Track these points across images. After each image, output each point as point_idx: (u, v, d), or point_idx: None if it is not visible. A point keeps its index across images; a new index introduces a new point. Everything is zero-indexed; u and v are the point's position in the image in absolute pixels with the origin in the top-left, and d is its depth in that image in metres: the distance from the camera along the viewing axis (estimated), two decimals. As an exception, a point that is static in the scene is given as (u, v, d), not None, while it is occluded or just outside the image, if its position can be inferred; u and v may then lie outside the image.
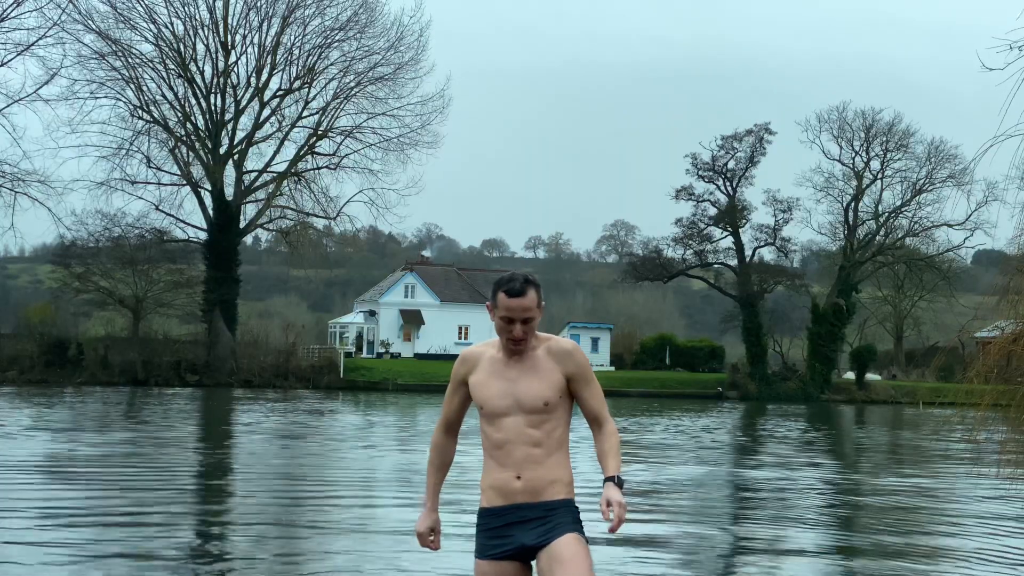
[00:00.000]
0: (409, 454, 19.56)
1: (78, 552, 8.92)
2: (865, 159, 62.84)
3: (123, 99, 54.24)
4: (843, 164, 63.19)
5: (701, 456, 21.03)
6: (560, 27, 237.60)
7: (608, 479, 4.07)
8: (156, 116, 54.87)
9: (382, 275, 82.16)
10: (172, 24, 54.84)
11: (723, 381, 61.16)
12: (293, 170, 57.31)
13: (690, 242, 62.08)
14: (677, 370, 65.62)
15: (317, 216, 58.61)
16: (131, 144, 54.17)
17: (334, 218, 59.06)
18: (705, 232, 62.28)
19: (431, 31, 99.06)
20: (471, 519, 4.57)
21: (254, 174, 57.40)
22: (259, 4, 55.92)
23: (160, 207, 55.86)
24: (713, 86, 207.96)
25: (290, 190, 57.69)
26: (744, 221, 61.82)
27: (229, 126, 56.57)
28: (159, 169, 55.29)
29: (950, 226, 61.83)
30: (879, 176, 62.93)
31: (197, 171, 55.84)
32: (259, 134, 57.31)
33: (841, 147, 62.98)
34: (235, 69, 56.39)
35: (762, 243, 62.26)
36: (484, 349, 4.31)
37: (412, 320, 70.95)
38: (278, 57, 56.53)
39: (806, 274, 66.47)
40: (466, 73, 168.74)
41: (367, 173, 57.75)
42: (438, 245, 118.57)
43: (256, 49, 56.33)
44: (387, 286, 73.12)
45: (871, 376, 64.66)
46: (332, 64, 57.23)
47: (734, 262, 62.50)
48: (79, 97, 52.40)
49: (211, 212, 55.56)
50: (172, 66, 55.15)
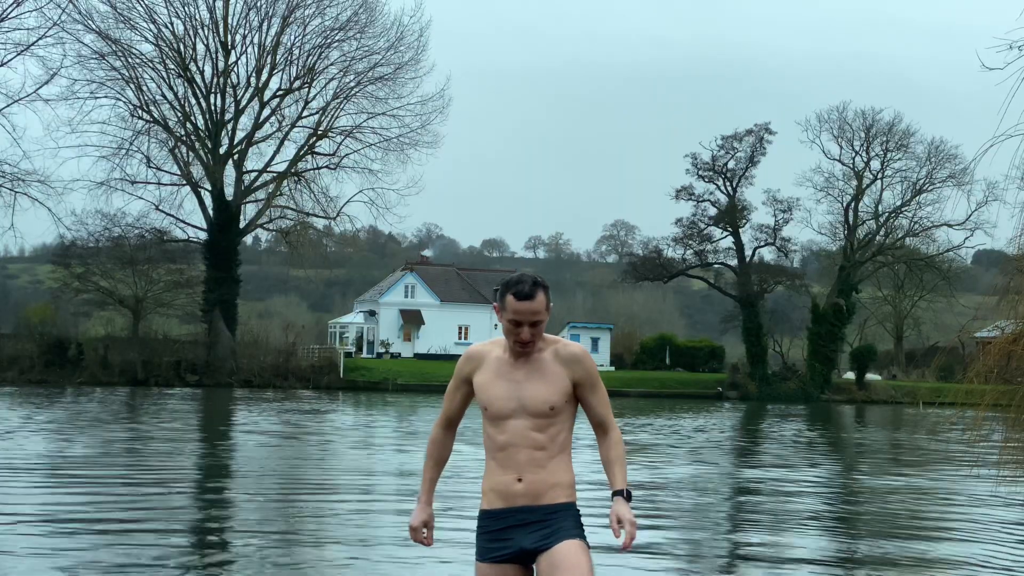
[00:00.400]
0: (409, 455, 19.54)
1: (71, 557, 8.89)
2: (865, 159, 62.84)
3: (123, 99, 54.32)
4: (843, 164, 63.23)
5: (699, 457, 21.01)
6: (560, 27, 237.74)
7: (616, 493, 4.04)
8: (156, 116, 54.88)
9: (382, 275, 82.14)
10: (172, 24, 54.92)
11: (723, 381, 61.14)
12: (293, 170, 57.30)
13: (690, 242, 62.07)
14: (677, 370, 65.60)
15: (317, 216, 58.67)
16: (131, 144, 54.25)
17: (334, 218, 59.11)
18: (705, 232, 62.28)
19: (431, 31, 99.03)
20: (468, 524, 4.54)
21: (254, 174, 57.40)
22: (259, 4, 55.95)
23: (160, 207, 55.95)
24: (713, 86, 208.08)
25: (290, 190, 57.73)
26: (744, 221, 61.82)
27: (229, 126, 56.58)
28: (159, 169, 55.38)
29: (950, 226, 61.85)
30: (879, 176, 62.92)
31: (197, 171, 55.86)
32: (259, 134, 57.34)
33: (841, 147, 63.02)
34: (235, 69, 56.44)
35: (762, 243, 62.30)
36: (490, 348, 4.27)
37: (412, 320, 70.93)
38: (278, 57, 56.56)
39: (806, 274, 66.43)
40: (466, 73, 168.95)
41: (367, 173, 57.83)
42: (439, 244, 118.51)
43: (256, 49, 56.40)
44: (387, 286, 73.09)
45: (871, 376, 64.63)
46: (332, 64, 57.29)
47: (734, 262, 62.49)
48: (79, 97, 52.49)
49: (211, 212, 55.54)
50: (172, 66, 55.15)
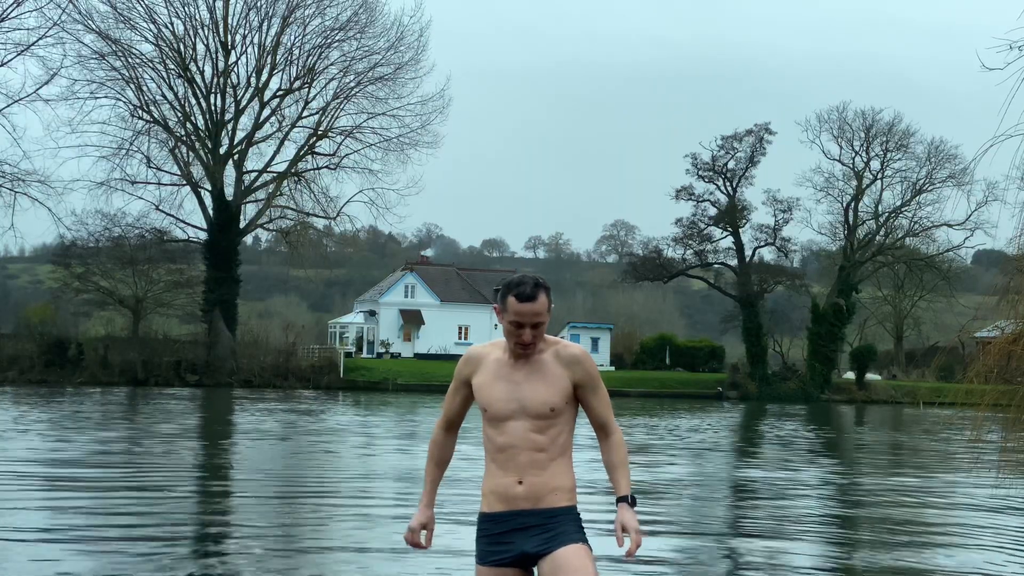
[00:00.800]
0: (409, 456, 19.55)
1: (69, 556, 8.90)
2: (865, 159, 62.86)
3: (123, 99, 54.29)
4: (843, 164, 63.24)
5: (698, 457, 21.00)
6: (560, 27, 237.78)
7: (621, 499, 4.01)
8: (156, 116, 54.86)
9: (382, 275, 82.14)
10: (172, 24, 54.89)
11: (723, 381, 61.13)
12: (293, 170, 57.29)
13: (690, 242, 62.07)
14: (677, 370, 65.59)
15: (317, 216, 58.65)
16: (131, 144, 54.21)
17: (334, 218, 59.09)
18: (705, 232, 62.28)
19: (431, 31, 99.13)
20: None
21: (254, 174, 57.39)
22: (259, 4, 55.93)
23: (160, 207, 55.92)
24: (713, 86, 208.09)
25: (290, 190, 57.72)
26: (744, 221, 61.82)
27: (229, 126, 56.57)
28: (159, 169, 55.34)
29: (950, 226, 61.86)
30: (879, 176, 62.92)
31: (197, 171, 55.83)
32: (259, 134, 57.32)
33: (841, 147, 63.03)
34: (235, 69, 56.42)
35: (762, 243, 62.30)
36: (489, 350, 4.24)
37: (412, 320, 70.93)
38: (278, 57, 56.54)
39: (806, 274, 66.43)
40: (466, 73, 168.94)
41: (367, 173, 57.80)
42: (439, 244, 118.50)
43: (256, 49, 56.38)
44: (387, 286, 73.10)
45: (871, 376, 64.62)
46: (332, 64, 57.26)
47: (734, 262, 62.49)
48: (79, 97, 52.45)
49: (211, 212, 55.53)
50: (172, 66, 55.14)
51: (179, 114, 55.59)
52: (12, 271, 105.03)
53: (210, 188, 55.52)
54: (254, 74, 56.56)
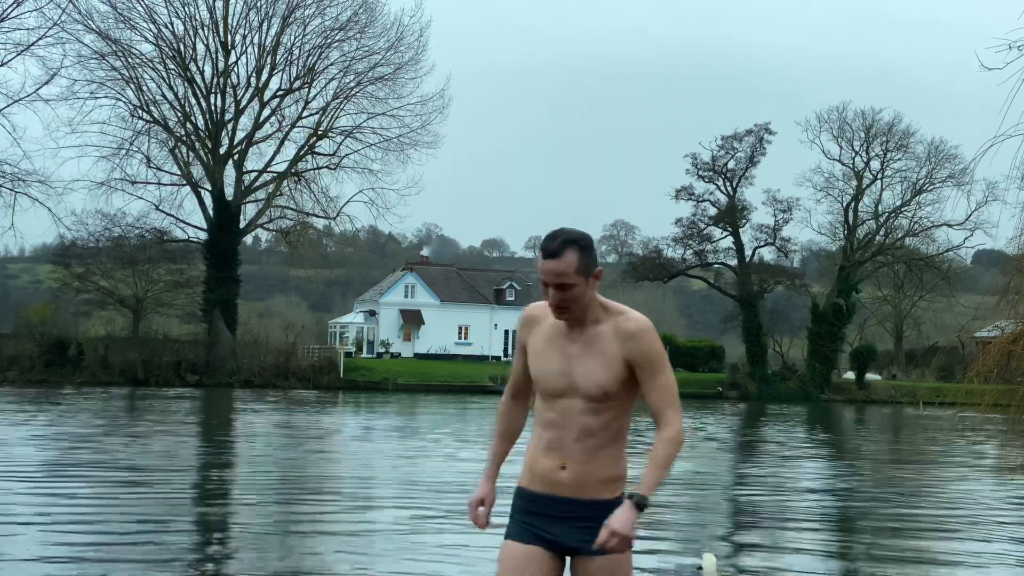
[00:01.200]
0: (409, 457, 19.55)
1: (73, 558, 8.90)
2: (865, 159, 62.87)
3: (123, 99, 54.22)
4: (843, 164, 63.24)
5: (697, 457, 21.00)
6: (560, 27, 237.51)
7: (628, 496, 3.58)
8: (156, 116, 54.81)
9: (382, 275, 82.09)
10: (172, 24, 54.81)
11: (723, 381, 61.14)
12: (293, 170, 57.26)
13: (690, 242, 62.06)
14: (677, 370, 65.47)
15: (317, 216, 58.61)
16: (131, 144, 54.13)
17: (334, 218, 59.06)
18: (705, 232, 62.28)
19: (431, 31, 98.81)
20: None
21: (254, 174, 57.36)
22: (259, 4, 55.89)
23: (160, 207, 55.81)
24: (713, 86, 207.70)
25: (290, 190, 57.67)
26: (744, 221, 61.81)
27: (229, 126, 56.52)
28: (159, 169, 55.26)
29: (950, 226, 61.87)
30: (879, 176, 62.94)
31: (197, 171, 55.78)
32: (259, 134, 57.27)
33: (841, 147, 63.03)
34: (235, 69, 56.36)
35: (762, 243, 62.29)
36: (550, 311, 3.74)
37: (412, 320, 70.93)
38: (278, 57, 56.49)
39: (806, 274, 66.41)
40: (466, 73, 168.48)
41: (367, 173, 57.73)
42: (439, 242, 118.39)
43: (256, 49, 56.33)
44: (387, 286, 73.09)
45: (871, 376, 64.62)
46: (332, 64, 57.18)
47: (734, 262, 62.49)
48: (79, 97, 52.36)
49: (211, 212, 55.49)
50: (172, 66, 55.10)
51: (179, 114, 55.58)
52: (12, 271, 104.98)
53: (210, 188, 55.49)
54: (254, 74, 56.56)
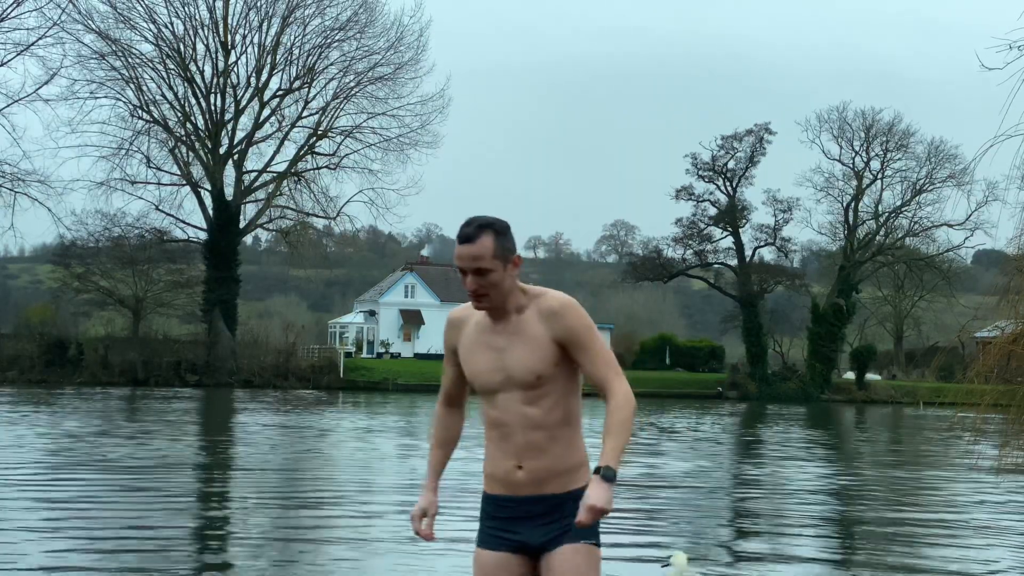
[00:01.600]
0: (410, 457, 19.54)
1: (69, 566, 8.89)
2: (865, 159, 62.88)
3: (123, 99, 54.29)
4: (843, 164, 63.25)
5: (697, 457, 20.99)
6: (560, 27, 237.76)
7: (595, 471, 3.44)
8: (156, 116, 54.86)
9: (382, 275, 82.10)
10: (172, 24, 54.88)
11: (723, 381, 61.14)
12: (293, 170, 57.28)
13: (690, 242, 62.06)
14: (677, 370, 65.57)
15: (317, 216, 58.66)
16: (131, 144, 54.21)
17: (334, 218, 59.09)
18: (705, 232, 62.27)
19: (431, 31, 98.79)
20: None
21: (254, 174, 57.38)
22: (259, 4, 55.92)
23: (160, 207, 55.90)
24: (713, 86, 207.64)
25: (290, 190, 57.71)
26: (744, 221, 61.81)
27: (229, 126, 56.56)
28: (159, 169, 55.34)
29: (950, 226, 61.86)
30: (879, 176, 62.95)
31: (197, 171, 55.83)
32: (259, 134, 57.32)
33: (841, 147, 63.04)
34: (235, 69, 56.41)
35: (762, 243, 62.29)
36: (472, 312, 3.67)
37: (412, 320, 70.92)
38: (278, 57, 56.53)
39: (806, 274, 66.40)
40: (466, 73, 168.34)
41: (367, 173, 57.79)
42: (439, 242, 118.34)
43: (256, 49, 56.37)
44: (387, 286, 73.10)
45: (871, 376, 64.60)
46: (332, 64, 57.24)
47: (734, 262, 62.48)
48: (79, 97, 52.46)
49: (211, 212, 55.51)
50: (172, 66, 55.13)
51: (179, 114, 55.61)
52: (12, 271, 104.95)
53: (210, 188, 55.51)
54: (254, 74, 56.59)
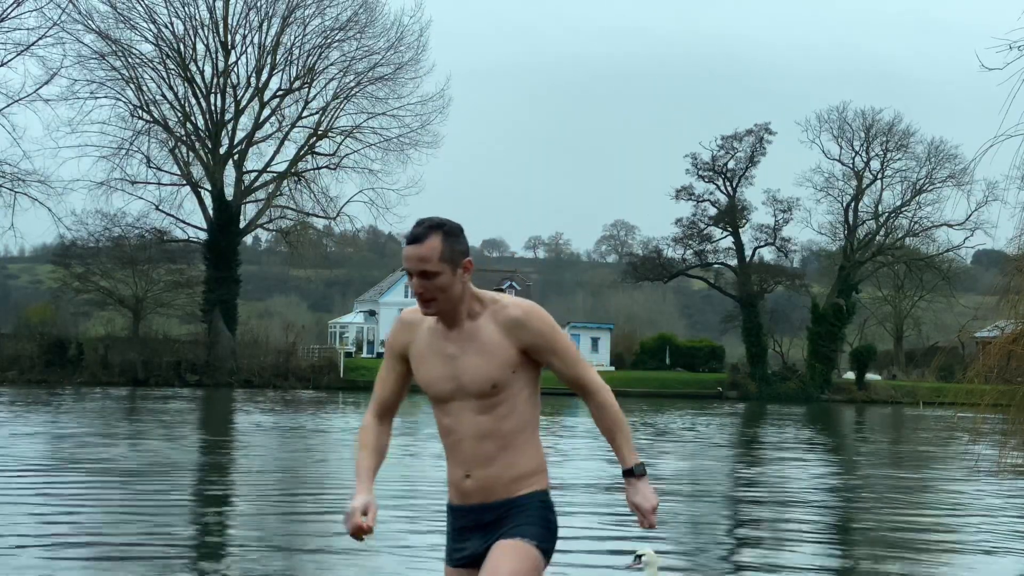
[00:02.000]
0: (409, 457, 19.53)
1: (67, 568, 8.88)
2: (865, 159, 62.92)
3: (123, 99, 54.29)
4: (843, 164, 63.30)
5: (696, 457, 20.98)
6: (560, 27, 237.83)
7: (627, 473, 3.44)
8: (156, 116, 54.86)
9: (382, 275, 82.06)
10: (172, 24, 54.87)
11: (723, 381, 61.14)
12: (293, 170, 57.28)
13: (690, 242, 62.08)
14: (677, 370, 65.56)
15: (317, 216, 58.67)
16: (131, 144, 54.21)
17: (334, 218, 59.10)
18: (705, 232, 62.30)
19: (431, 31, 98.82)
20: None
21: (254, 174, 57.39)
22: (259, 4, 55.92)
23: (160, 207, 55.92)
24: (712, 85, 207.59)
25: (290, 190, 57.72)
26: (744, 221, 61.83)
27: (229, 126, 56.55)
28: (159, 169, 55.35)
29: (950, 226, 61.91)
30: (879, 176, 62.99)
31: (197, 171, 55.84)
32: (259, 134, 57.32)
33: (841, 147, 63.10)
34: (235, 69, 56.40)
35: (762, 243, 62.33)
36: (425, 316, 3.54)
37: (412, 320, 70.83)
38: (278, 57, 56.52)
39: (806, 274, 66.44)
40: (466, 73, 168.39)
41: (367, 173, 57.79)
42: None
43: (256, 49, 56.36)
44: (387, 286, 73.08)
45: (871, 376, 64.60)
46: (332, 64, 57.24)
47: (734, 262, 62.50)
48: (79, 97, 52.45)
49: (211, 212, 55.51)
50: (172, 66, 55.13)
51: (179, 114, 55.61)
52: (12, 271, 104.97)
53: (210, 188, 55.52)
54: (254, 74, 56.58)
